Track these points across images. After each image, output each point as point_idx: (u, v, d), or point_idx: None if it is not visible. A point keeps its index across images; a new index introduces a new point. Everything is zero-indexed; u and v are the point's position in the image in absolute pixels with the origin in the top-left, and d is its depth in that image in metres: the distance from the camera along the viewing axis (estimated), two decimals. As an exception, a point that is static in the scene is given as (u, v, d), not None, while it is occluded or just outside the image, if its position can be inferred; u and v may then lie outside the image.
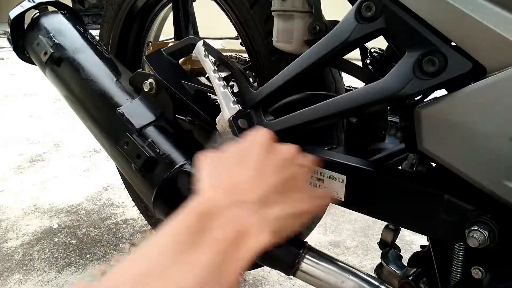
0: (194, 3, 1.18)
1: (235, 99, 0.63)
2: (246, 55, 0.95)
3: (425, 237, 0.62)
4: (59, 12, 0.97)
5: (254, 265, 1.05)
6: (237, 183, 0.42)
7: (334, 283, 0.63)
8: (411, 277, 0.64)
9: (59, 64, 0.86)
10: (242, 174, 0.43)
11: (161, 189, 0.69)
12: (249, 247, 0.37)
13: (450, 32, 0.43)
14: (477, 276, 0.50)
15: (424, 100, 0.50)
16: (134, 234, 1.48)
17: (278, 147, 0.47)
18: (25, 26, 0.96)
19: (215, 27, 1.79)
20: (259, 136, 0.48)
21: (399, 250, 0.71)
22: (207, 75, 0.73)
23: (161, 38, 1.30)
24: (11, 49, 0.98)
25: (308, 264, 0.64)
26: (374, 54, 0.69)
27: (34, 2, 0.95)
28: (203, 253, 0.34)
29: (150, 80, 0.77)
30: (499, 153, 0.42)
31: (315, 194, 0.49)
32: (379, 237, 0.72)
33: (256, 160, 0.44)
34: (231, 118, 0.61)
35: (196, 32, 1.20)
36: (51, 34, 0.89)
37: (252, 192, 0.41)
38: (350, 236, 1.48)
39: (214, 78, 0.64)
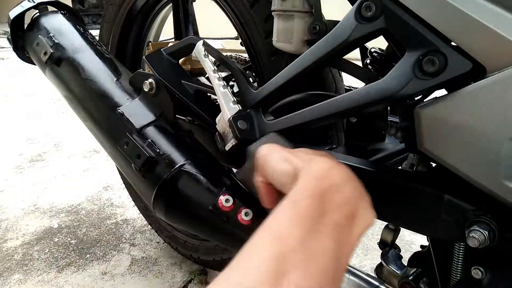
0: (194, 3, 1.18)
1: (235, 99, 0.63)
2: (246, 55, 0.95)
3: (425, 237, 0.62)
4: (59, 12, 0.97)
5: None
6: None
7: (334, 283, 0.63)
8: (411, 277, 0.64)
9: (59, 64, 0.86)
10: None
11: (161, 189, 0.69)
12: (358, 229, 0.38)
13: (450, 32, 0.43)
14: (477, 276, 0.50)
15: (424, 100, 0.50)
16: (134, 234, 1.48)
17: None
18: (25, 26, 0.96)
19: (215, 27, 1.79)
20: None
21: (399, 250, 0.71)
22: (207, 75, 0.73)
23: (161, 38, 1.30)
24: (11, 49, 0.98)
25: (308, 264, 0.64)
26: (374, 54, 0.69)
27: (34, 2, 0.95)
28: (324, 242, 0.34)
29: (150, 80, 0.77)
30: (499, 153, 0.42)
31: None
32: (379, 237, 0.72)
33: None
34: (231, 118, 0.61)
35: (196, 32, 1.20)
36: (51, 34, 0.89)
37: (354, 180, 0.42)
38: (350, 236, 1.48)
39: (214, 78, 0.64)
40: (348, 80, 0.77)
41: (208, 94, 0.76)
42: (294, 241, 0.34)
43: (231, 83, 0.94)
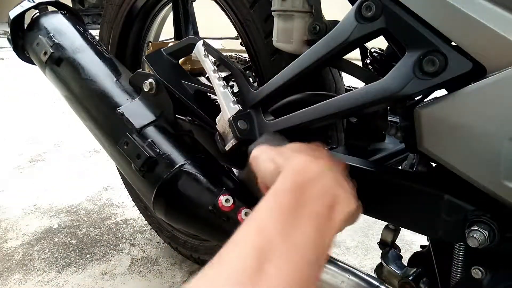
0: (194, 3, 1.18)
1: (235, 99, 0.63)
2: (246, 55, 0.95)
3: (425, 237, 0.62)
4: (59, 12, 0.97)
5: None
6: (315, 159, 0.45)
7: (334, 283, 0.63)
8: (411, 277, 0.64)
9: (59, 64, 0.86)
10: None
11: (161, 189, 0.69)
12: (339, 216, 0.40)
13: (450, 32, 0.43)
14: (477, 276, 0.50)
15: (424, 100, 0.50)
16: (134, 234, 1.48)
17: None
18: (25, 26, 0.96)
19: (215, 27, 1.79)
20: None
21: (399, 250, 0.71)
22: (207, 75, 0.73)
23: (161, 38, 1.30)
24: (11, 49, 0.98)
25: (308, 264, 0.64)
26: (374, 54, 0.69)
27: (34, 2, 0.95)
28: (304, 232, 0.36)
29: (150, 80, 0.77)
30: (499, 153, 0.42)
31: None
32: (379, 237, 0.72)
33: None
34: (231, 118, 0.61)
35: (196, 32, 1.20)
36: (51, 34, 0.89)
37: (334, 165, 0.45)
38: (350, 236, 1.48)
39: (214, 78, 0.64)
40: (348, 80, 0.77)
41: (208, 94, 0.76)
42: (275, 232, 0.35)
43: (231, 83, 0.94)
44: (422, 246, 0.67)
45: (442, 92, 0.47)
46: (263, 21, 0.77)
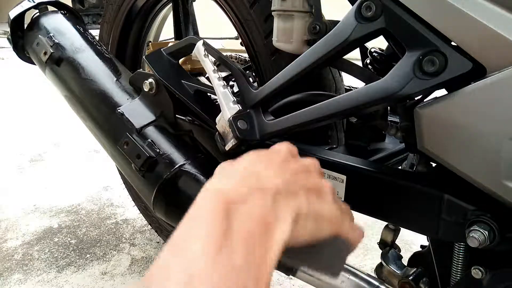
0: (194, 3, 1.18)
1: (235, 99, 0.63)
2: (246, 55, 0.95)
3: (425, 237, 0.62)
4: (59, 12, 0.97)
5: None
6: (253, 173, 0.38)
7: (334, 283, 0.63)
8: (411, 277, 0.64)
9: (59, 64, 0.86)
10: (259, 167, 0.39)
11: (161, 189, 0.69)
12: (275, 239, 0.34)
13: (450, 32, 0.43)
14: (477, 276, 0.50)
15: (424, 100, 0.50)
16: (134, 234, 1.48)
17: (301, 158, 0.43)
18: (25, 26, 0.96)
19: (215, 27, 1.79)
20: (280, 145, 0.43)
21: (399, 250, 0.71)
22: (207, 75, 0.73)
23: (161, 38, 1.30)
24: (11, 49, 0.98)
25: (308, 264, 0.64)
26: (374, 54, 0.69)
27: (34, 2, 0.95)
28: (236, 257, 0.31)
29: (150, 80, 0.77)
30: (499, 153, 0.42)
31: (341, 215, 0.42)
32: (379, 237, 0.72)
33: (276, 161, 0.40)
34: (231, 118, 0.61)
35: (196, 32, 1.20)
36: (51, 34, 0.89)
37: (270, 181, 0.37)
38: (350, 236, 1.48)
39: (214, 78, 0.64)
40: (348, 80, 0.77)
41: (208, 94, 0.76)
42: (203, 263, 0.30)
43: (231, 83, 0.95)
44: (422, 246, 0.67)
45: (442, 92, 0.47)
46: (263, 21, 0.77)
